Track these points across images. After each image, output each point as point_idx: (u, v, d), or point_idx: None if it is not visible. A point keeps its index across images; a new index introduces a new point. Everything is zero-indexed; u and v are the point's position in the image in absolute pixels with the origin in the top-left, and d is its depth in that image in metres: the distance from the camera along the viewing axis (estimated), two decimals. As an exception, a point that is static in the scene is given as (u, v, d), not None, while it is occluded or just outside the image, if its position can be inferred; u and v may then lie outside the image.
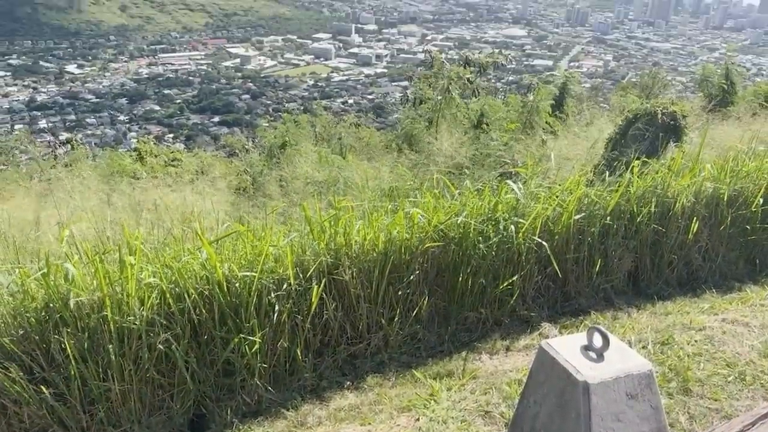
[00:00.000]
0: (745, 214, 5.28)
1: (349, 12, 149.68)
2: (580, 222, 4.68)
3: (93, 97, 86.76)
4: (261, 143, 14.15)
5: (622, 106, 9.81)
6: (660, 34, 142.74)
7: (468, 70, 12.73)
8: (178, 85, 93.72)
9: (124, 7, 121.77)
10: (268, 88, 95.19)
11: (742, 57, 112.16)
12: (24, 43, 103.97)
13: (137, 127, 76.81)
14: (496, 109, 10.69)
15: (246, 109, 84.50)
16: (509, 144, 7.96)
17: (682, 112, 6.33)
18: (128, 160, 10.32)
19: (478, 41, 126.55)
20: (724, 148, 6.30)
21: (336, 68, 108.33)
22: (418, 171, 7.66)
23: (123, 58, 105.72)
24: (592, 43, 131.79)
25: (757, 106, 10.82)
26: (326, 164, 8.14)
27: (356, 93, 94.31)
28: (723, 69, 13.18)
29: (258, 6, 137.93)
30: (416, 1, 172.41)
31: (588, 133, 9.04)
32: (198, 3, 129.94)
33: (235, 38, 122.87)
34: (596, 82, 50.63)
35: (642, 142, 6.20)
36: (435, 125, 11.25)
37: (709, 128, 7.10)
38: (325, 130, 14.30)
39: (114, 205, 5.05)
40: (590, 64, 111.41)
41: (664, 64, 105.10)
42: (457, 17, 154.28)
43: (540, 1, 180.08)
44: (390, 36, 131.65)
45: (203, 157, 13.61)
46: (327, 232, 3.98)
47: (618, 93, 15.94)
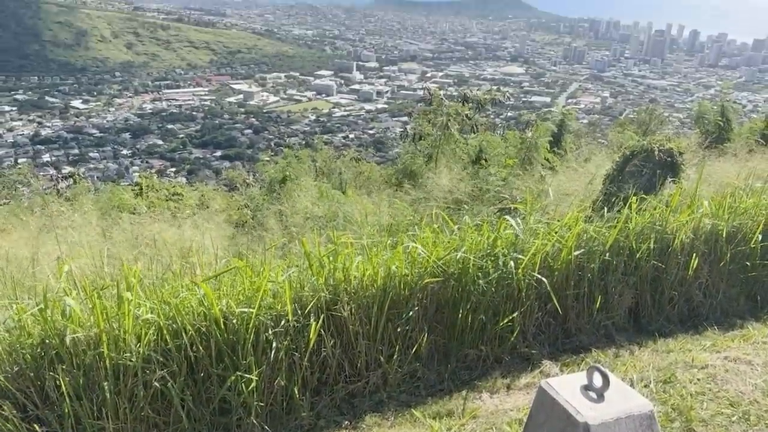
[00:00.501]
0: (745, 250, 5.28)
1: (350, 50, 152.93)
2: (579, 258, 4.68)
3: (97, 131, 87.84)
4: (262, 177, 14.24)
5: (620, 143, 9.91)
6: (656, 71, 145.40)
7: (466, 106, 12.93)
8: (181, 120, 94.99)
9: (130, 44, 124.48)
10: (270, 123, 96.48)
11: (737, 94, 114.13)
12: (31, 79, 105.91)
13: (140, 161, 77.52)
14: (494, 144, 10.81)
15: (248, 143, 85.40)
16: (508, 180, 8.03)
17: (679, 148, 6.40)
18: (129, 194, 10.38)
19: (476, 78, 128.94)
20: (722, 184, 6.34)
21: (337, 104, 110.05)
22: (418, 206, 7.69)
23: (128, 93, 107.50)
24: (590, 80, 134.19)
25: (753, 142, 10.94)
26: (326, 199, 8.18)
27: (357, 128, 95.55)
28: (718, 106, 13.40)
29: (262, 44, 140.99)
30: (416, 40, 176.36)
31: (586, 168, 9.11)
32: (203, 41, 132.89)
33: (239, 75, 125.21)
34: (594, 118, 51.34)
35: (639, 178, 6.25)
36: (434, 160, 11.37)
37: (705, 165, 7.16)
38: (326, 164, 14.42)
39: (113, 240, 5.06)
40: (588, 100, 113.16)
41: (661, 101, 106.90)
42: (456, 55, 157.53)
43: (537, 40, 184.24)
44: (390, 73, 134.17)
45: (204, 191, 13.71)
46: (326, 268, 3.98)
47: (616, 129, 16.15)
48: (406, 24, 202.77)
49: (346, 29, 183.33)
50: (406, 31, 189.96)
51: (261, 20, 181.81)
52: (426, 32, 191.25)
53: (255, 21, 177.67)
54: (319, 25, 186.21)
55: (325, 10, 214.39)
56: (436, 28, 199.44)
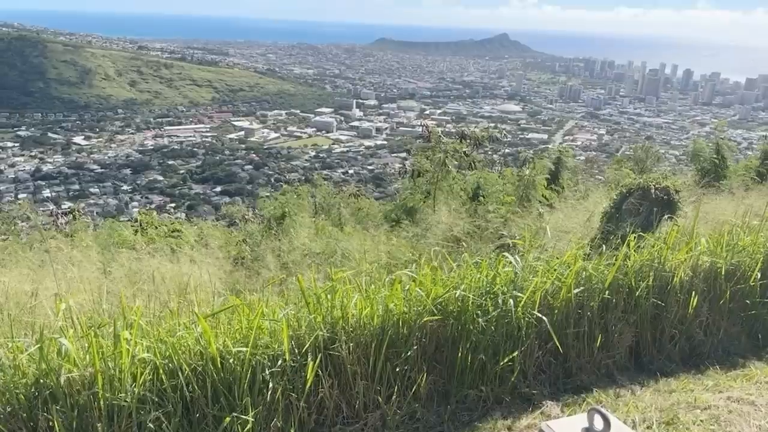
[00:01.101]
0: (744, 288, 5.27)
1: (350, 88, 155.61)
2: (579, 296, 4.66)
3: (98, 167, 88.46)
4: (261, 213, 14.29)
5: (617, 180, 10.01)
6: (651, 109, 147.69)
7: (464, 143, 13.10)
8: (182, 156, 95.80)
9: (134, 82, 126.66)
10: (270, 159, 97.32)
11: (732, 131, 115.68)
12: (34, 116, 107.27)
13: (140, 197, 77.83)
14: (492, 181, 10.90)
15: (248, 179, 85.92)
16: (506, 217, 8.07)
17: (675, 186, 6.47)
18: (129, 231, 10.39)
19: (474, 116, 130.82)
20: (719, 222, 6.37)
21: (337, 140, 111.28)
22: (416, 243, 7.71)
23: (130, 130, 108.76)
24: (586, 117, 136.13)
25: (749, 180, 11.06)
26: (324, 235, 8.20)
27: (356, 164, 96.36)
28: (713, 144, 13.57)
29: (263, 82, 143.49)
30: (415, 78, 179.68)
31: (584, 205, 9.17)
32: (205, 79, 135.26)
33: (240, 112, 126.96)
34: (591, 155, 51.88)
35: (637, 216, 6.29)
36: (432, 197, 11.44)
37: (702, 202, 7.21)
38: (325, 200, 14.51)
39: (112, 276, 5.04)
40: (584, 137, 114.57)
41: (657, 138, 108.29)
42: (454, 93, 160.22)
43: (533, 79, 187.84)
44: (389, 110, 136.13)
45: (203, 227, 13.72)
46: (323, 305, 3.96)
47: (613, 166, 16.31)
48: (405, 63, 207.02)
49: (347, 68, 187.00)
50: (404, 70, 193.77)
51: (263, 59, 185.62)
52: (424, 71, 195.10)
53: (257, 60, 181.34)
54: (320, 64, 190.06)
55: (326, 50, 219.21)
56: (434, 68, 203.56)
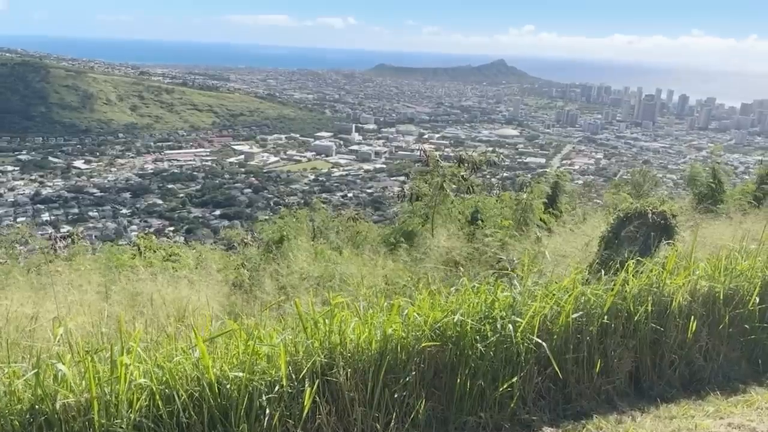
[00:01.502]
0: (743, 313, 5.26)
1: (350, 113, 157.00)
2: (578, 321, 4.65)
3: (97, 191, 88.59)
4: (259, 237, 14.26)
5: (615, 204, 10.04)
6: (648, 134, 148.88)
7: (462, 167, 13.16)
8: (182, 179, 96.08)
9: (135, 107, 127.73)
10: (269, 182, 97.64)
11: (728, 156, 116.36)
12: (35, 140, 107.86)
13: (138, 221, 77.77)
14: (490, 205, 10.94)
15: (247, 202, 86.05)
16: (504, 241, 8.08)
17: (672, 211, 6.49)
18: (127, 254, 10.38)
19: (472, 140, 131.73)
20: (716, 246, 6.38)
21: (336, 164, 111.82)
22: (415, 267, 7.70)
23: (130, 154, 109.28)
24: (583, 142, 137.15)
25: (746, 204, 11.10)
26: (322, 259, 8.19)
27: (355, 187, 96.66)
28: (710, 168, 13.66)
29: (264, 107, 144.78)
30: (413, 103, 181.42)
31: (582, 230, 9.19)
32: (206, 104, 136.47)
33: (241, 136, 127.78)
34: (589, 179, 52.07)
35: (635, 240, 6.31)
36: (431, 221, 11.46)
37: (700, 227, 7.24)
38: (324, 223, 14.50)
39: (111, 300, 5.03)
40: (582, 161, 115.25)
41: (654, 162, 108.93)
42: (452, 118, 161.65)
43: (530, 104, 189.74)
44: (388, 134, 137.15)
45: (202, 251, 13.69)
46: (321, 330, 3.95)
47: (611, 190, 16.37)
48: (404, 88, 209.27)
49: (346, 93, 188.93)
50: (403, 95, 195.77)
51: (264, 85, 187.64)
52: (423, 96, 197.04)
53: (258, 85, 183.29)
54: (320, 89, 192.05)
55: (326, 76, 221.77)
56: (432, 93, 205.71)
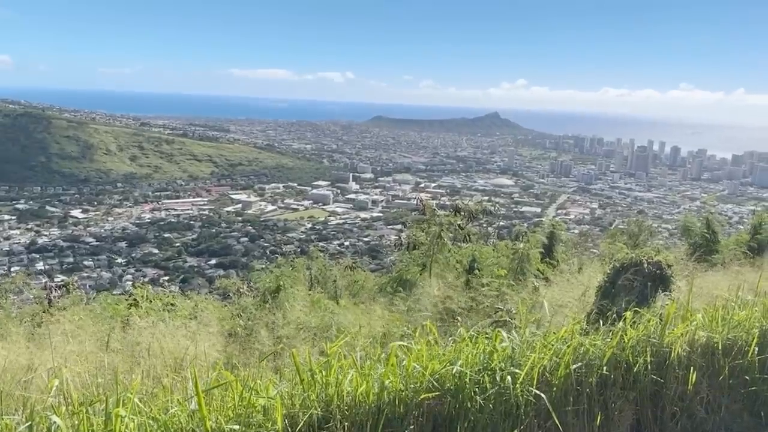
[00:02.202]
0: (743, 363, 5.22)
1: (347, 162, 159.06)
2: (577, 372, 4.60)
3: (93, 240, 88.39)
4: (255, 286, 14.18)
5: (611, 254, 10.09)
6: (642, 184, 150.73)
7: (458, 216, 13.29)
8: (178, 229, 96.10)
9: (135, 157, 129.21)
10: (266, 231, 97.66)
11: (722, 206, 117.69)
12: (34, 189, 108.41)
13: (134, 270, 77.30)
14: (486, 255, 10.97)
15: (243, 251, 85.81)
16: (501, 290, 8.08)
17: (667, 261, 6.55)
18: (123, 305, 10.28)
19: (468, 189, 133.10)
20: (712, 296, 6.40)
21: (333, 212, 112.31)
22: (412, 316, 7.66)
23: (128, 203, 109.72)
24: (578, 192, 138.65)
25: (741, 254, 11.19)
26: (319, 309, 8.15)
27: (352, 236, 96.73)
28: (704, 219, 13.83)
29: (262, 157, 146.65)
30: (410, 153, 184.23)
31: (579, 279, 9.20)
32: (205, 154, 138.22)
33: (239, 185, 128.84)
34: (585, 229, 52.35)
35: (631, 290, 6.33)
36: (428, 270, 11.46)
37: (696, 276, 7.28)
38: (321, 272, 14.46)
39: (107, 350, 4.97)
40: (577, 211, 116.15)
41: (649, 212, 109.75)
42: (448, 168, 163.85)
43: (524, 154, 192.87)
44: (385, 183, 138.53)
45: (197, 300, 13.56)
46: (318, 382, 3.90)
47: (607, 240, 16.47)
48: (400, 139, 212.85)
49: (344, 144, 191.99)
50: (400, 146, 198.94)
51: (263, 135, 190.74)
52: (419, 147, 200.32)
53: (257, 136, 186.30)
54: (318, 140, 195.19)
55: (324, 127, 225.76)
56: (428, 143, 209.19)
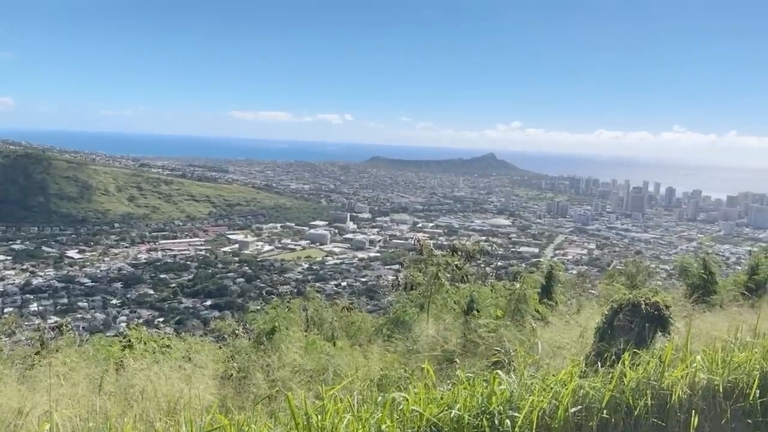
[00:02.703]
0: (744, 406, 5.13)
1: (345, 202, 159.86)
2: (576, 415, 4.53)
3: (89, 281, 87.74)
4: (250, 328, 14.02)
5: (609, 295, 10.06)
6: (638, 225, 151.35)
7: (456, 256, 13.28)
8: (174, 269, 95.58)
9: (133, 197, 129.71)
10: (263, 271, 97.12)
11: (719, 247, 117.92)
12: (31, 230, 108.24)
13: (128, 311, 76.45)
14: (484, 295, 10.92)
15: (239, 292, 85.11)
16: (499, 332, 8.01)
17: (665, 302, 6.53)
18: (117, 346, 10.14)
19: (465, 229, 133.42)
20: (711, 337, 6.35)
21: (331, 252, 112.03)
22: (409, 358, 7.56)
23: (124, 243, 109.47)
24: (575, 232, 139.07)
25: (739, 295, 11.15)
26: (315, 351, 8.04)
27: (350, 276, 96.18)
28: (700, 260, 13.81)
29: (260, 197, 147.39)
30: (407, 193, 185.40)
31: (578, 320, 9.14)
32: (203, 194, 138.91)
33: (236, 225, 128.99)
34: (582, 269, 52.23)
35: (630, 332, 6.29)
36: (426, 310, 11.38)
37: (694, 318, 7.24)
38: (317, 313, 14.32)
39: (100, 393, 4.88)
40: (575, 252, 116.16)
41: (647, 253, 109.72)
42: (445, 208, 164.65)
43: (521, 195, 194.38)
44: (383, 223, 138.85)
45: (191, 342, 13.37)
46: (314, 427, 3.82)
47: (604, 281, 16.42)
48: (398, 179, 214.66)
49: (342, 184, 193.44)
50: (397, 186, 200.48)
51: (261, 176, 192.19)
52: (416, 187, 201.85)
53: (255, 177, 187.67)
54: (316, 180, 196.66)
55: (322, 167, 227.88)
56: (425, 184, 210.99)
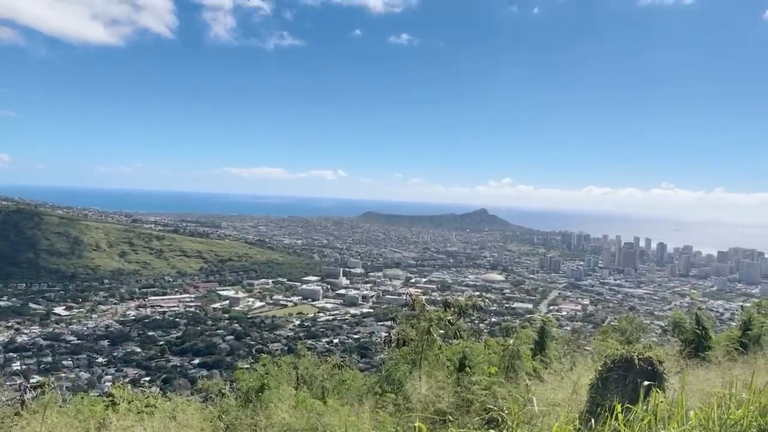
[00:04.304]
0: (742, 465, 5.02)
1: (338, 257, 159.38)
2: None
3: (75, 338, 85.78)
4: (239, 386, 13.68)
5: (603, 351, 9.95)
6: (631, 280, 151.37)
7: (448, 312, 13.14)
8: (163, 326, 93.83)
9: (124, 253, 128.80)
10: (253, 328, 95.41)
11: (713, 302, 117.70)
12: (18, 286, 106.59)
13: (114, 370, 74.43)
14: (477, 352, 10.78)
15: (228, 350, 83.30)
16: (492, 389, 7.86)
17: (658, 357, 6.47)
18: (100, 405, 9.84)
19: (459, 284, 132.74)
20: (706, 393, 6.27)
21: (323, 308, 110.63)
22: (401, 417, 7.37)
23: (113, 300, 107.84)
24: (568, 288, 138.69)
25: (733, 350, 11.08)
26: (305, 409, 7.83)
27: (342, 332, 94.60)
28: (693, 316, 13.80)
29: (252, 252, 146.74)
30: (400, 248, 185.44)
31: (572, 376, 8.99)
32: (195, 250, 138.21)
33: (227, 281, 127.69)
34: (577, 326, 51.78)
35: (624, 387, 6.19)
36: (418, 367, 11.16)
37: (688, 373, 7.16)
38: (308, 371, 14.02)
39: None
40: (569, 307, 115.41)
41: (641, 309, 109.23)
42: (439, 263, 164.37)
43: (513, 250, 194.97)
44: (376, 278, 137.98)
45: (177, 402, 12.99)
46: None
47: (598, 337, 16.27)
48: (391, 234, 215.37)
49: (335, 239, 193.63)
50: (390, 241, 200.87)
51: (254, 231, 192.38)
52: (409, 242, 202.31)
53: (248, 232, 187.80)
54: (309, 235, 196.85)
55: (316, 222, 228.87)
56: (418, 238, 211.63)
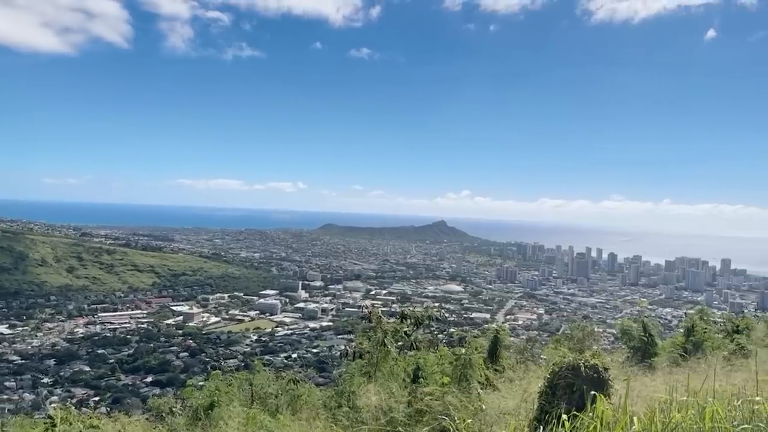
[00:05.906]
0: (684, 467, 5.15)
1: (297, 270, 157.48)
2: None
3: (18, 358, 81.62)
4: (188, 404, 13.26)
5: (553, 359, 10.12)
6: (584, 289, 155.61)
7: (405, 323, 13.14)
8: (114, 344, 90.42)
9: (72, 268, 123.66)
10: (208, 344, 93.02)
11: (661, 309, 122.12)
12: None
13: (60, 390, 71.13)
14: (431, 362, 10.78)
15: (182, 367, 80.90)
16: (445, 398, 7.86)
17: (603, 364, 6.61)
18: (39, 428, 9.33)
19: (419, 296, 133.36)
20: (650, 398, 6.43)
21: (281, 323, 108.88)
22: (354, 430, 7.28)
23: (60, 317, 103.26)
24: (524, 297, 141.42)
25: (677, 356, 11.47)
26: (255, 426, 7.63)
27: (300, 347, 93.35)
28: (640, 323, 14.23)
29: (207, 266, 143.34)
30: (360, 260, 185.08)
31: (524, 384, 9.10)
32: (147, 264, 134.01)
33: (181, 296, 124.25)
34: (533, 335, 52.79)
35: (571, 394, 6.29)
36: (373, 379, 11.08)
37: (634, 379, 7.34)
38: (262, 387, 13.73)
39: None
40: (525, 317, 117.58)
41: (593, 317, 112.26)
42: (398, 275, 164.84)
43: (471, 261, 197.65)
44: (336, 291, 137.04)
45: (124, 423, 12.48)
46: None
47: (551, 346, 16.57)
48: (351, 246, 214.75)
49: (293, 252, 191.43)
50: (350, 253, 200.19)
51: (209, 244, 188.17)
52: (369, 254, 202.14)
53: (203, 245, 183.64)
54: (267, 248, 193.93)
55: (274, 235, 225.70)
56: (378, 250, 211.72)
